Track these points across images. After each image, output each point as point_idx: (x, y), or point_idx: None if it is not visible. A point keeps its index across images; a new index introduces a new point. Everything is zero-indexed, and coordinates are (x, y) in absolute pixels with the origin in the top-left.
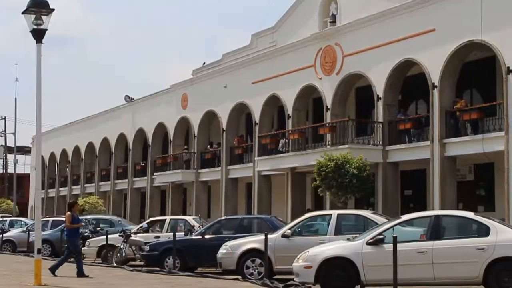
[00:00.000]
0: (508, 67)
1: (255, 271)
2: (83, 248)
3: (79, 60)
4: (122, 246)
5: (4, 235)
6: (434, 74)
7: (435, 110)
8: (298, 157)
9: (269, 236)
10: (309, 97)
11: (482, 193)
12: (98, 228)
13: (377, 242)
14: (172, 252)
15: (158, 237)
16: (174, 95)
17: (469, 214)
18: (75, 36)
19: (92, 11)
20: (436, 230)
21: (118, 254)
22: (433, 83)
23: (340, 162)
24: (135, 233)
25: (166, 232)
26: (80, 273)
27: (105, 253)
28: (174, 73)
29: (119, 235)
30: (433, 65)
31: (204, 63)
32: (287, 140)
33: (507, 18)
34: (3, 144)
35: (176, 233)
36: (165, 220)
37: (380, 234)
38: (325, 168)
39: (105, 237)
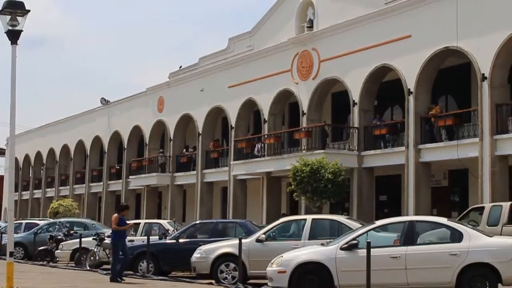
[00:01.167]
0: (483, 74)
1: (229, 275)
2: (56, 252)
3: (55, 61)
4: (95, 250)
5: None
6: (410, 80)
7: (410, 116)
8: (274, 161)
9: (243, 240)
10: (286, 102)
11: (456, 198)
12: (71, 231)
13: (351, 247)
14: (146, 256)
15: (132, 240)
16: (150, 98)
17: (443, 220)
18: (52, 38)
19: (70, 13)
20: (409, 235)
21: (91, 258)
22: (409, 89)
23: (315, 167)
24: (109, 236)
25: (140, 235)
26: (113, 278)
27: (79, 257)
28: (151, 76)
29: (93, 239)
30: (409, 71)
31: (180, 67)
32: (263, 145)
33: (483, 25)
34: None
35: (151, 237)
36: (139, 223)
37: (354, 239)
38: (300, 173)
39: (78, 240)
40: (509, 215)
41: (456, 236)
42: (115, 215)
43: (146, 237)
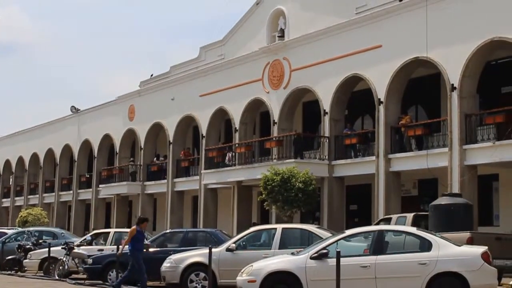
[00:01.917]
0: (452, 84)
1: (199, 285)
2: (24, 261)
3: (24, 69)
4: (64, 259)
5: None
6: (380, 90)
7: (380, 125)
8: (245, 170)
9: (213, 249)
10: (257, 111)
11: (426, 208)
12: (40, 240)
13: (321, 256)
14: (116, 265)
15: (102, 249)
16: (121, 106)
17: (412, 229)
18: (21, 44)
19: (39, 19)
20: (379, 245)
21: (60, 267)
22: (379, 99)
23: (286, 176)
24: (78, 245)
25: (110, 245)
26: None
27: (47, 266)
28: (122, 85)
29: (62, 248)
30: (379, 81)
31: (152, 75)
32: (233, 154)
33: (452, 36)
34: None
35: (120, 246)
36: (109, 232)
37: (324, 248)
38: (271, 182)
39: (47, 249)
40: (412, 225)
41: (425, 245)
42: (134, 227)
43: (115, 246)
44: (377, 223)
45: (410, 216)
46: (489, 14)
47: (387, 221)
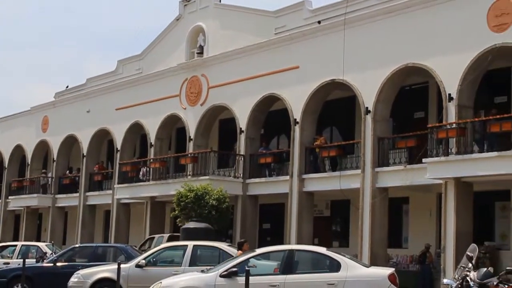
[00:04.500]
0: (367, 108)
1: None
2: None
3: None
4: None
5: None
6: (296, 110)
7: (295, 145)
8: (159, 186)
9: (122, 265)
10: (173, 127)
11: (337, 228)
12: None
13: (230, 274)
14: (21, 279)
15: (8, 263)
16: (34, 117)
17: (322, 250)
18: None
19: None
20: (289, 264)
21: None
22: (295, 119)
23: (200, 193)
24: None
25: (17, 258)
26: None
27: None
28: (36, 95)
29: None
30: (296, 102)
31: (67, 87)
32: (148, 169)
33: (368, 60)
34: None
35: (27, 260)
36: (16, 245)
37: (234, 266)
38: (184, 198)
39: None
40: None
41: (334, 266)
42: (239, 251)
43: (22, 260)
44: (146, 242)
45: (166, 236)
46: (404, 40)
47: (152, 240)
